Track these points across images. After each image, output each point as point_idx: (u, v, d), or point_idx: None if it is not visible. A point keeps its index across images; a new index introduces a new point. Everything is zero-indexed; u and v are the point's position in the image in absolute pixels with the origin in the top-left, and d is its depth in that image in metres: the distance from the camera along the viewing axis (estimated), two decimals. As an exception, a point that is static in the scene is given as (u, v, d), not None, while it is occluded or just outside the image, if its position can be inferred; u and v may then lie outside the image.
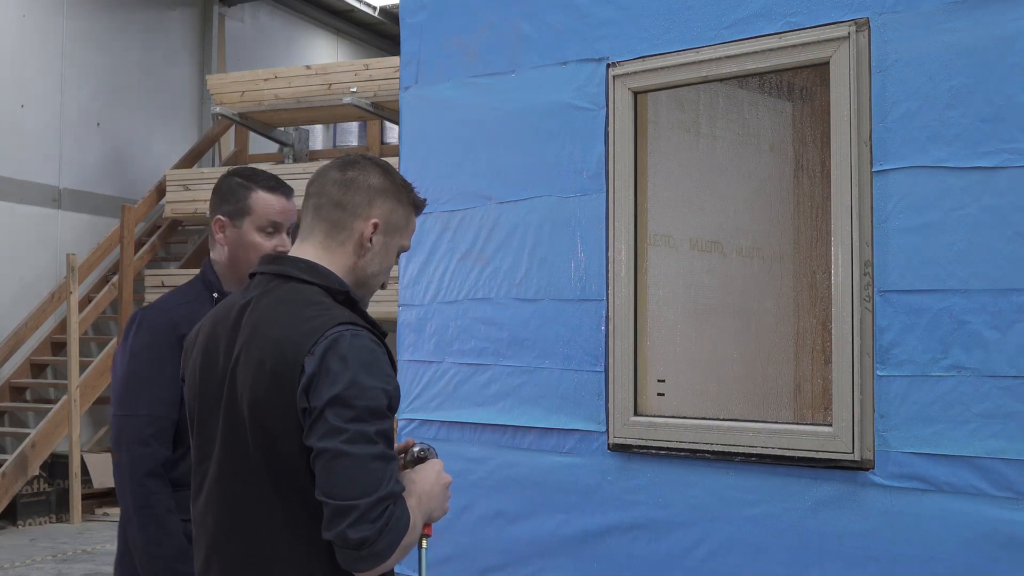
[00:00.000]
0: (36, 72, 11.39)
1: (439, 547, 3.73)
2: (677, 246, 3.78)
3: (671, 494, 3.18)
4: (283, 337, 2.03)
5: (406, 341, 3.90)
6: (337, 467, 1.94)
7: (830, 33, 2.92)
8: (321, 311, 2.06)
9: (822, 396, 3.81)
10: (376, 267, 2.22)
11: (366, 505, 1.92)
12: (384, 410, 1.99)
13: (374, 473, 1.94)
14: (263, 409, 2.02)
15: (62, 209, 11.67)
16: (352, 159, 2.23)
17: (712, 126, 4.02)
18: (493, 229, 3.66)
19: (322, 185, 2.20)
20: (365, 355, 2.00)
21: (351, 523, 1.92)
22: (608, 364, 3.34)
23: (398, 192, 2.22)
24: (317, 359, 1.98)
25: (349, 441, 1.94)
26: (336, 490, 1.94)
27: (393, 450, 2.03)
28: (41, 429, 10.12)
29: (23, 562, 8.47)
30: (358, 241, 2.17)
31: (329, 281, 2.13)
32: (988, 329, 2.64)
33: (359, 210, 2.17)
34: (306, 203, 2.23)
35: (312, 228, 2.19)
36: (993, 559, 2.61)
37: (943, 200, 2.73)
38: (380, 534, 1.93)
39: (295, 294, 2.11)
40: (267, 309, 2.10)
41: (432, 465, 2.25)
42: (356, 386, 1.96)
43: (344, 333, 2.01)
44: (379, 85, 10.77)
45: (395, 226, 2.22)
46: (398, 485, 1.99)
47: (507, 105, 3.65)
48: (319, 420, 1.96)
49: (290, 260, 2.18)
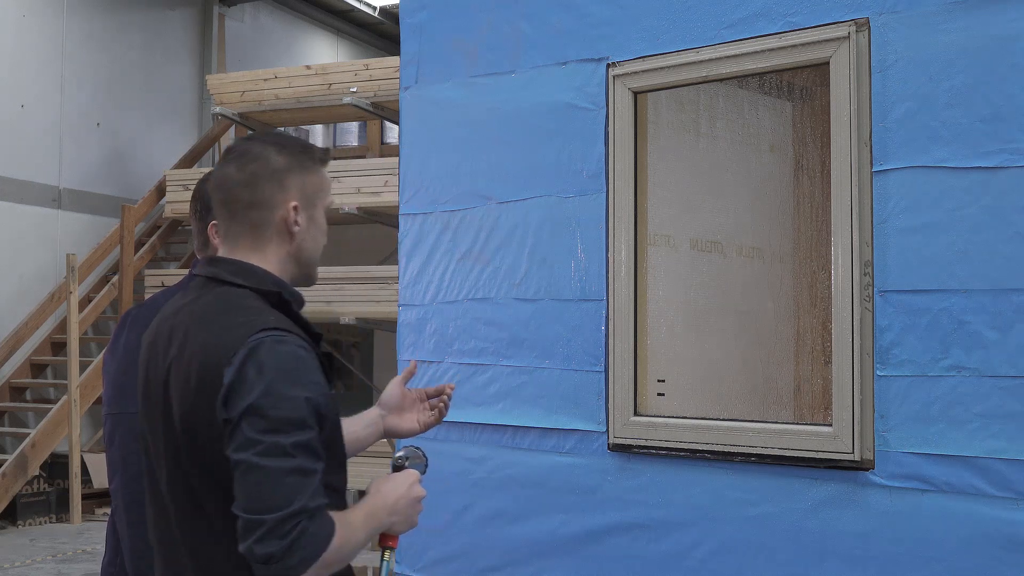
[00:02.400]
0: (36, 72, 11.39)
1: (439, 547, 3.73)
2: (677, 246, 3.78)
3: (671, 494, 3.18)
4: (207, 346, 1.98)
5: (406, 341, 3.90)
6: (249, 480, 1.88)
7: (830, 33, 2.92)
8: (246, 317, 1.99)
9: (822, 396, 3.81)
10: (312, 242, 2.17)
11: (273, 521, 1.86)
12: (305, 420, 1.92)
13: (287, 487, 1.87)
14: (191, 421, 1.97)
15: (62, 209, 11.67)
16: (241, 150, 2.15)
17: (712, 126, 4.02)
18: (493, 229, 3.66)
19: (227, 190, 2.13)
20: (286, 362, 1.93)
21: (258, 538, 1.86)
22: (608, 364, 3.34)
23: (302, 160, 2.15)
24: (235, 368, 1.92)
25: (262, 454, 1.88)
26: (247, 504, 1.88)
27: (317, 462, 1.94)
28: (41, 429, 10.11)
29: (23, 562, 8.47)
30: (285, 230, 2.12)
31: (262, 283, 2.08)
32: (988, 329, 2.64)
33: (274, 200, 2.11)
34: (219, 209, 2.16)
35: (236, 234, 2.13)
36: (993, 559, 2.61)
37: (943, 200, 2.73)
38: (288, 550, 1.86)
39: (224, 298, 2.06)
40: (197, 315, 2.06)
41: (404, 476, 2.18)
42: (271, 396, 1.90)
43: (265, 340, 1.94)
44: (379, 85, 10.77)
45: (313, 195, 2.16)
46: (315, 500, 1.90)
47: (507, 105, 3.65)
48: (236, 431, 1.90)
49: (223, 263, 2.12)
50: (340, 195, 10.62)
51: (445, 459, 3.73)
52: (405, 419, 2.61)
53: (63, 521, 10.32)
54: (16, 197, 11.09)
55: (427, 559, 3.76)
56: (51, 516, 10.35)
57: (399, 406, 2.60)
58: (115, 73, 12.41)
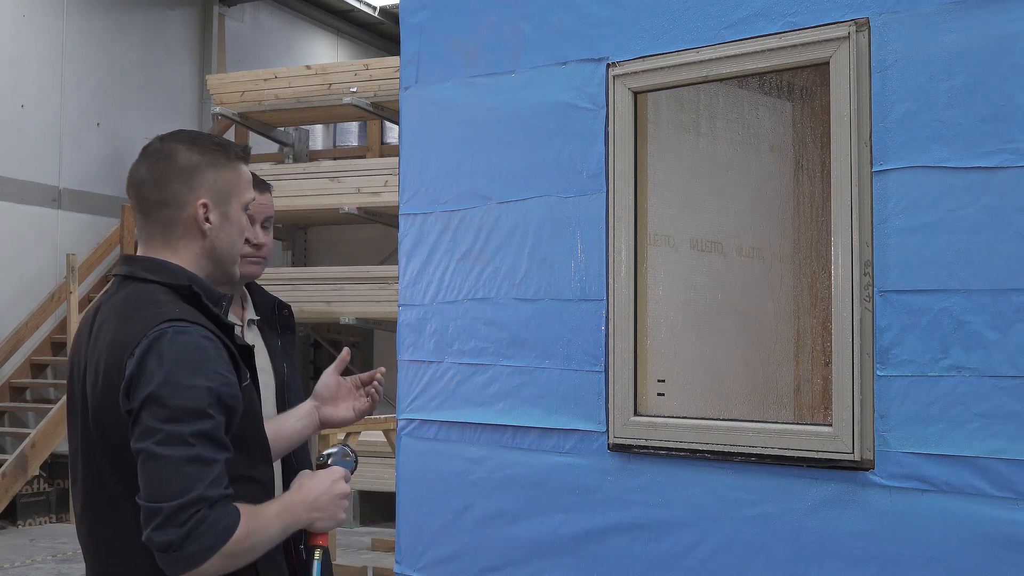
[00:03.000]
0: (36, 72, 11.39)
1: (439, 547, 3.73)
2: (677, 246, 3.78)
3: (671, 494, 3.18)
4: (113, 340, 1.99)
5: (406, 341, 3.90)
6: (149, 469, 1.89)
7: (830, 33, 2.92)
8: (152, 311, 2.00)
9: (822, 396, 3.81)
10: (228, 239, 2.16)
11: (170, 509, 1.86)
12: (204, 410, 1.92)
13: (185, 476, 1.87)
14: (101, 415, 1.99)
15: (62, 209, 11.67)
16: (153, 149, 2.15)
17: (712, 126, 4.02)
18: (493, 229, 3.66)
19: (138, 188, 2.14)
20: (186, 352, 1.94)
21: (156, 526, 1.87)
22: (608, 364, 3.34)
23: (213, 157, 2.15)
24: (136, 360, 1.93)
25: (161, 443, 1.88)
26: (147, 492, 1.89)
27: (219, 451, 1.94)
28: (41, 429, 10.11)
29: (23, 562, 8.47)
30: (195, 227, 2.12)
31: (173, 277, 2.08)
32: (988, 329, 2.64)
33: (182, 198, 2.11)
34: (134, 208, 2.17)
35: (149, 232, 2.14)
36: (993, 559, 2.61)
37: (943, 200, 2.72)
38: (186, 538, 1.86)
39: (135, 295, 2.07)
40: (109, 312, 2.07)
41: (328, 473, 2.18)
42: (171, 385, 1.90)
43: (167, 330, 1.95)
44: (379, 85, 10.78)
45: (226, 192, 2.16)
46: (216, 490, 1.90)
47: (507, 105, 3.65)
48: (136, 421, 1.91)
49: (138, 260, 2.13)
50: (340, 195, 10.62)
51: (445, 459, 3.73)
52: (340, 408, 2.62)
53: (63, 521, 10.31)
54: (16, 197, 11.09)
55: (427, 559, 3.76)
56: (51, 516, 10.35)
57: (333, 396, 2.62)
58: (115, 73, 12.41)
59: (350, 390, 2.64)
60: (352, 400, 2.64)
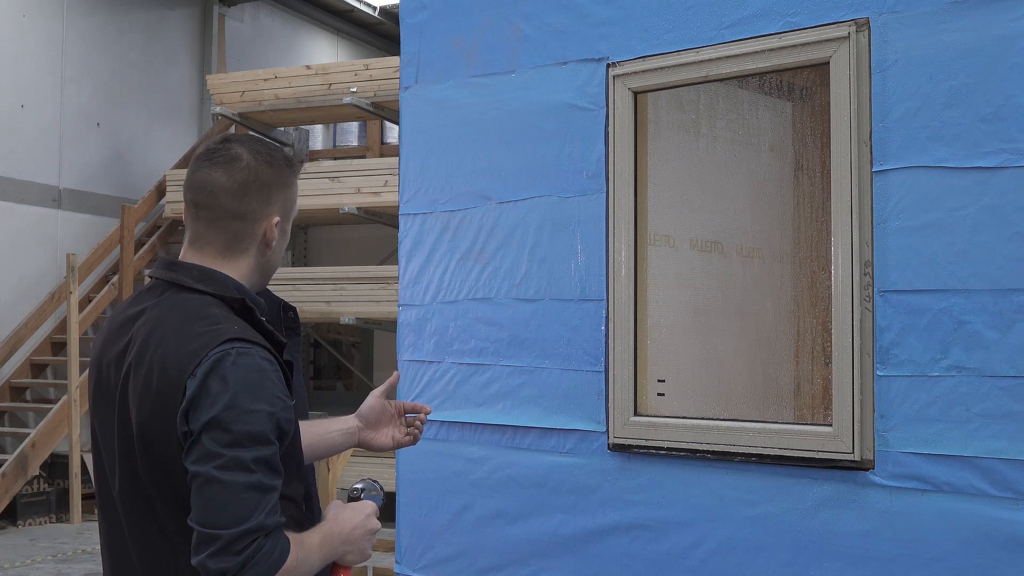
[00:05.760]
0: (36, 72, 11.39)
1: (439, 547, 3.73)
2: (677, 246, 3.78)
3: (671, 494, 3.18)
4: (168, 355, 1.94)
5: (406, 341, 3.90)
6: (207, 493, 1.86)
7: (830, 33, 2.92)
8: (209, 326, 1.96)
9: (822, 396, 3.81)
10: (279, 254, 2.15)
11: (230, 536, 1.83)
12: (266, 435, 1.89)
13: (245, 503, 1.85)
14: (150, 431, 1.94)
15: (62, 209, 11.67)
16: (231, 155, 2.09)
17: (712, 126, 4.02)
18: (493, 229, 3.66)
19: (212, 196, 2.07)
20: (250, 375, 1.91)
21: (212, 553, 1.84)
22: (608, 364, 3.34)
23: (287, 175, 2.13)
24: (198, 381, 1.89)
25: (222, 468, 1.85)
26: (203, 517, 1.85)
27: (276, 478, 1.92)
28: (41, 429, 10.11)
29: (23, 562, 8.47)
30: (262, 242, 2.10)
31: (225, 289, 2.04)
32: (988, 329, 2.64)
33: (260, 214, 2.08)
34: (195, 212, 2.10)
35: (208, 238, 2.09)
36: (993, 559, 2.61)
37: (943, 200, 2.73)
38: (242, 567, 1.83)
39: (186, 305, 2.01)
40: (157, 322, 2.01)
41: (360, 507, 2.16)
42: (235, 409, 1.87)
43: (230, 352, 1.91)
44: (379, 85, 10.77)
45: (291, 209, 2.15)
46: (272, 518, 1.88)
47: (507, 105, 3.65)
48: (196, 443, 1.87)
49: (184, 267, 2.08)
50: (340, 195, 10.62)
51: (445, 459, 3.74)
52: (381, 434, 2.59)
53: (63, 521, 10.32)
54: (16, 197, 11.09)
55: (427, 559, 3.76)
56: (51, 516, 10.35)
57: (377, 420, 2.59)
58: (115, 73, 12.41)
59: (393, 416, 2.60)
60: (393, 428, 2.60)
